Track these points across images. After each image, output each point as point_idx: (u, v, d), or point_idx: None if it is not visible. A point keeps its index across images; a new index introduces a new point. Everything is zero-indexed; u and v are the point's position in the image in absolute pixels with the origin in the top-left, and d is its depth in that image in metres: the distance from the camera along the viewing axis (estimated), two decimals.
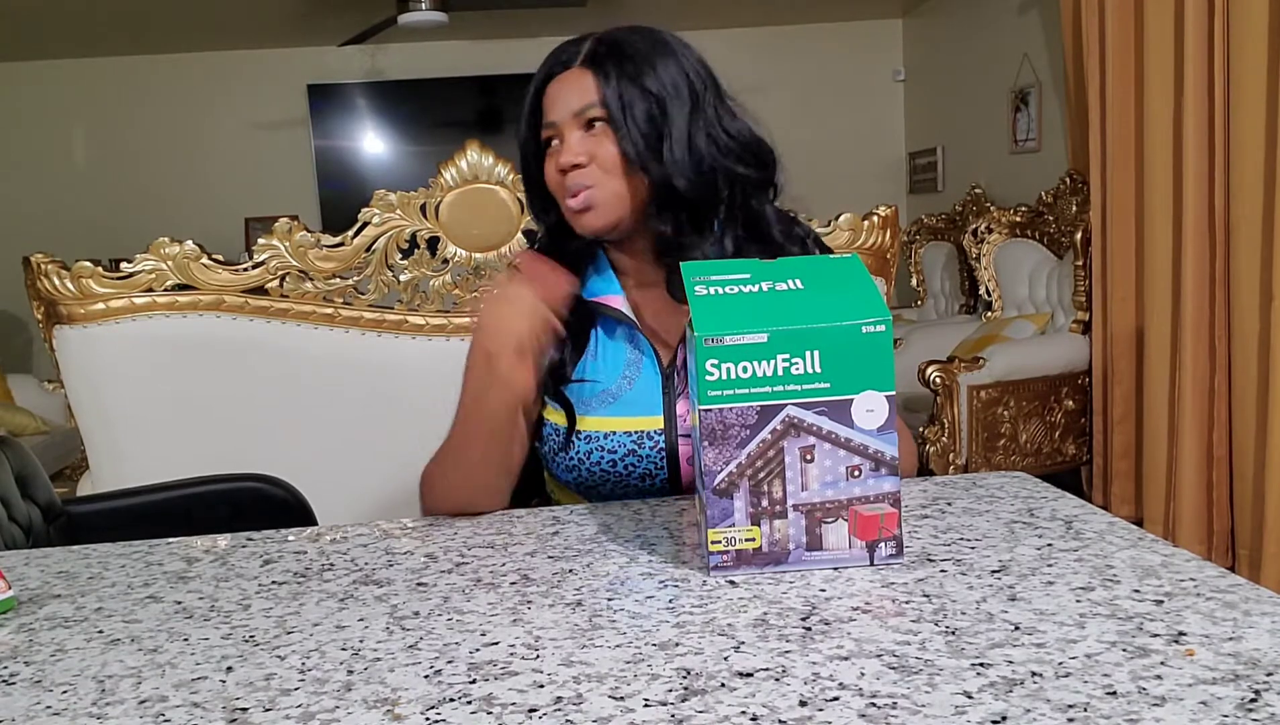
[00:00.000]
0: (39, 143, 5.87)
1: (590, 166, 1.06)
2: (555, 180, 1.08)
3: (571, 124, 1.06)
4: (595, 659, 0.65)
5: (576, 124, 1.06)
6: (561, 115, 1.06)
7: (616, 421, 1.10)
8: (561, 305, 1.07)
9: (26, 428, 4.07)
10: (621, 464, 1.09)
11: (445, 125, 6.00)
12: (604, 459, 1.10)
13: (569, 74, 1.07)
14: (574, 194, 1.06)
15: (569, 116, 1.06)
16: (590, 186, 1.06)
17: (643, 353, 1.12)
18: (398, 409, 1.51)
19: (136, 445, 1.52)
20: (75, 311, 1.48)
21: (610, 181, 1.06)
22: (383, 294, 1.55)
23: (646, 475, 1.10)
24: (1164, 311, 3.12)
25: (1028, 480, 1.03)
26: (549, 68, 1.09)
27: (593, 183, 1.06)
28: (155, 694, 0.64)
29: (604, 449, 1.10)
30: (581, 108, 1.05)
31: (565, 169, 1.06)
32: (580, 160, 1.05)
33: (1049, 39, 4.34)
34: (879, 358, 0.78)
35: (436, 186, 1.55)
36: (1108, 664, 0.60)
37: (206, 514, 1.36)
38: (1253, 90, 2.68)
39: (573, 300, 1.10)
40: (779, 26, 5.95)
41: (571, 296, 1.10)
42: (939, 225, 5.09)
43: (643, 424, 1.10)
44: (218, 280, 1.51)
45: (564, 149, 1.06)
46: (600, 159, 1.06)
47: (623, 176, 1.06)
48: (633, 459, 1.09)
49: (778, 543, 0.79)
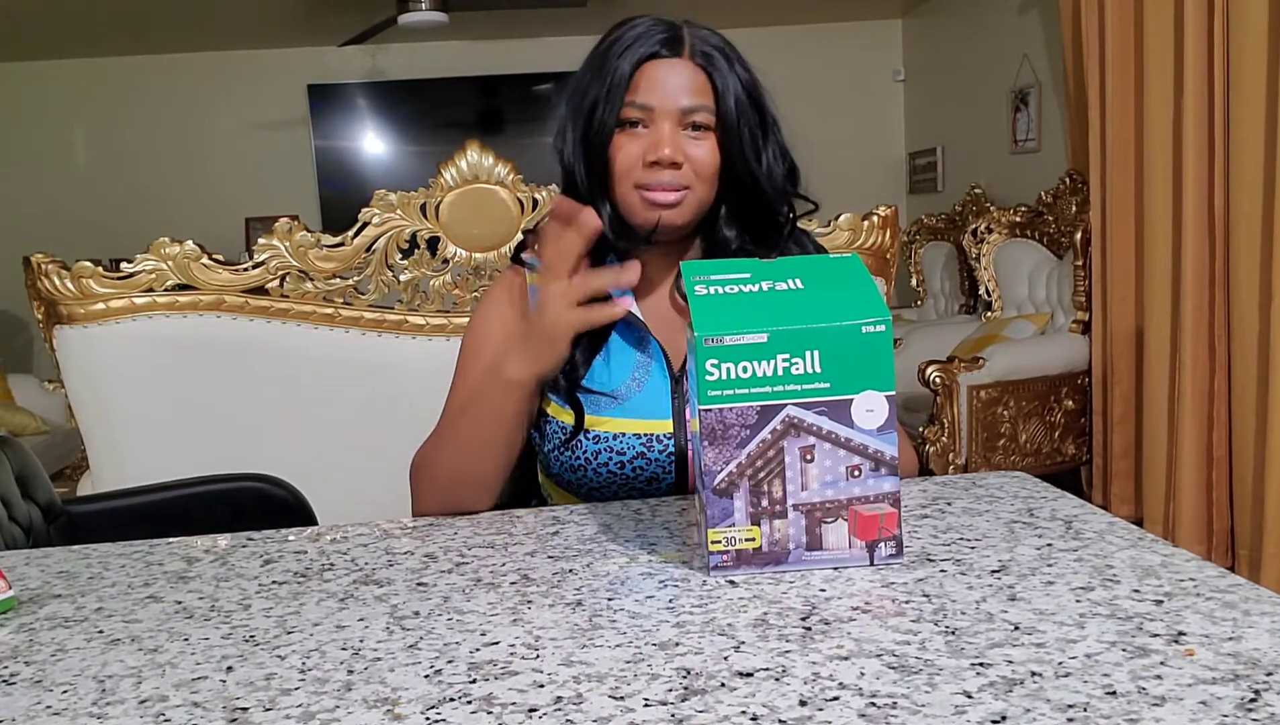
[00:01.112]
0: (39, 143, 5.87)
1: (685, 169, 1.03)
2: (633, 165, 1.04)
3: (670, 116, 1.03)
4: (595, 659, 0.65)
5: (676, 118, 1.03)
6: (665, 104, 1.03)
7: (626, 423, 1.09)
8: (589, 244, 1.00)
9: (26, 428, 4.07)
10: (630, 467, 1.08)
11: (445, 125, 6.00)
12: (612, 460, 1.08)
13: (676, 63, 1.04)
14: (660, 189, 1.03)
15: (673, 109, 1.03)
16: (686, 189, 1.04)
17: (652, 357, 1.11)
18: (398, 409, 1.51)
19: (136, 445, 1.53)
20: (75, 311, 1.48)
21: (701, 187, 1.05)
22: (383, 294, 1.56)
23: (654, 478, 1.09)
24: (1164, 311, 3.12)
25: (1028, 480, 1.03)
26: (646, 47, 1.04)
27: (688, 185, 1.04)
28: (155, 694, 0.64)
29: (613, 451, 1.08)
30: (692, 106, 1.03)
31: (664, 162, 1.02)
32: (679, 159, 1.03)
33: (1049, 39, 4.34)
34: (879, 358, 0.78)
35: (436, 186, 1.55)
36: (1107, 664, 0.60)
37: (206, 514, 1.36)
38: (1253, 90, 2.68)
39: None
40: (779, 26, 5.95)
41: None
42: (939, 225, 5.10)
43: (652, 427, 1.09)
44: (218, 280, 1.51)
45: (663, 141, 1.02)
46: (697, 162, 1.04)
47: (711, 183, 1.05)
48: (641, 462, 1.08)
49: (778, 543, 0.79)
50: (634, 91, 1.03)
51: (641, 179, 1.04)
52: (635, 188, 1.04)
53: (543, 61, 5.82)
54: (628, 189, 1.05)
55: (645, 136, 1.04)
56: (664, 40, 1.04)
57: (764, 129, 1.07)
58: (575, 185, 1.09)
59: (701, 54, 1.04)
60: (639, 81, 1.03)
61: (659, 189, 1.03)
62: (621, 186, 1.05)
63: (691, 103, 1.03)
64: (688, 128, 1.04)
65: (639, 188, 1.04)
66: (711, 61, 1.04)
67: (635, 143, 1.04)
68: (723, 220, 1.09)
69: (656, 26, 1.05)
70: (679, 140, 1.03)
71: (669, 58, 1.04)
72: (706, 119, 1.04)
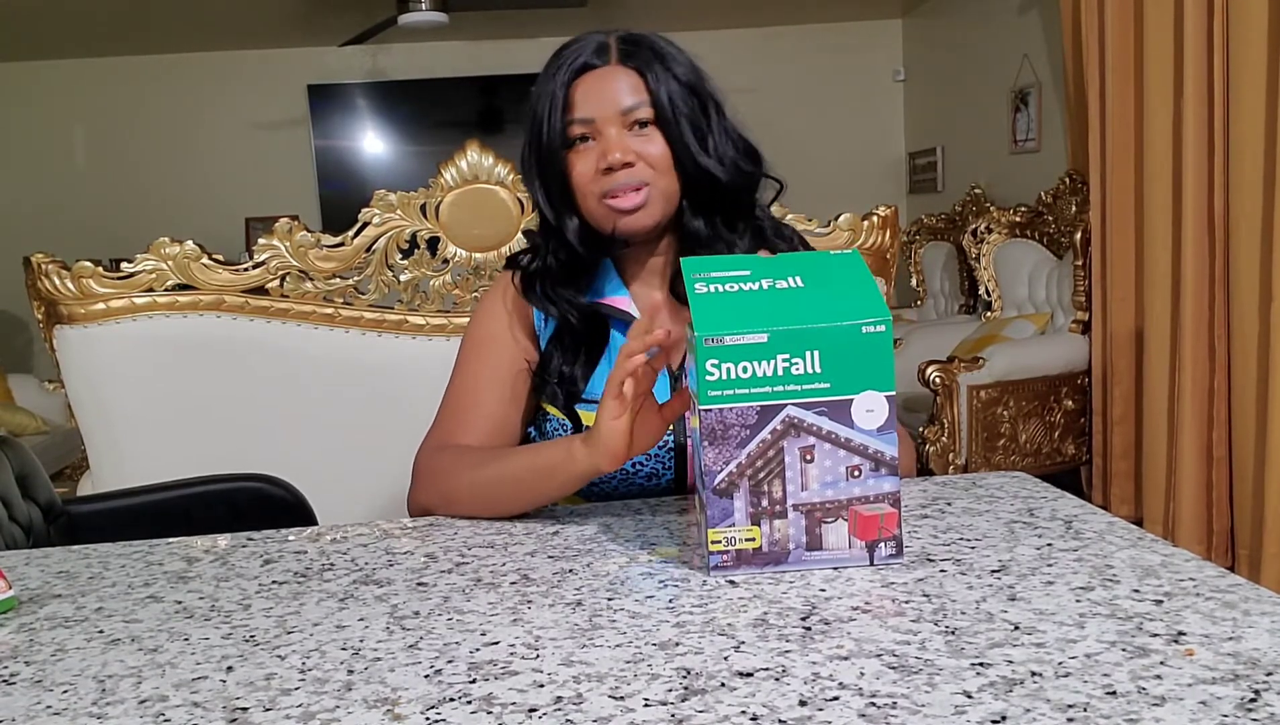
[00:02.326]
0: (39, 143, 5.87)
1: (638, 165, 1.05)
2: (589, 179, 1.06)
3: (613, 121, 1.05)
4: (595, 659, 0.65)
5: (619, 121, 1.05)
6: (602, 112, 1.05)
7: None
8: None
9: (26, 428, 4.07)
10: (630, 463, 1.08)
11: (445, 125, 6.00)
12: None
13: (606, 70, 1.06)
14: (621, 193, 1.05)
15: (613, 114, 1.05)
16: (646, 184, 1.05)
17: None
18: (398, 409, 1.51)
19: (136, 445, 1.52)
20: (75, 311, 1.48)
21: (660, 180, 1.06)
22: (383, 294, 1.55)
23: (653, 474, 1.10)
24: (1164, 311, 3.12)
25: (1027, 480, 1.03)
26: (575, 63, 1.07)
27: (647, 180, 1.05)
28: (155, 694, 0.64)
29: None
30: (631, 105, 1.05)
31: (615, 166, 1.04)
32: (630, 158, 1.05)
33: (1049, 39, 4.34)
34: (879, 358, 0.78)
35: (436, 186, 1.55)
36: (1107, 664, 0.60)
37: (206, 514, 1.36)
38: (1253, 90, 2.68)
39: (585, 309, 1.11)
40: (779, 26, 5.94)
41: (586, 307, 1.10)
42: (939, 225, 5.09)
43: None
44: (218, 280, 1.51)
45: (610, 146, 1.04)
46: (649, 157, 1.05)
47: (670, 174, 1.07)
48: (640, 458, 1.08)
49: (778, 543, 0.79)
50: (572, 109, 1.06)
51: (602, 187, 1.06)
52: (600, 199, 1.06)
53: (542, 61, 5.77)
54: (594, 202, 1.07)
55: (595, 148, 1.06)
56: (594, 50, 1.07)
57: (705, 114, 1.08)
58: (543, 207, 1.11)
59: (629, 55, 1.07)
60: (575, 98, 1.06)
61: (620, 192, 1.05)
62: (587, 202, 1.08)
63: (629, 102, 1.05)
64: (632, 127, 1.06)
65: (603, 198, 1.06)
66: (640, 59, 1.07)
67: (586, 157, 1.07)
68: (687, 212, 1.09)
69: (588, 41, 1.08)
70: (625, 141, 1.05)
71: (599, 66, 1.07)
72: (647, 114, 1.06)
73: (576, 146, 1.07)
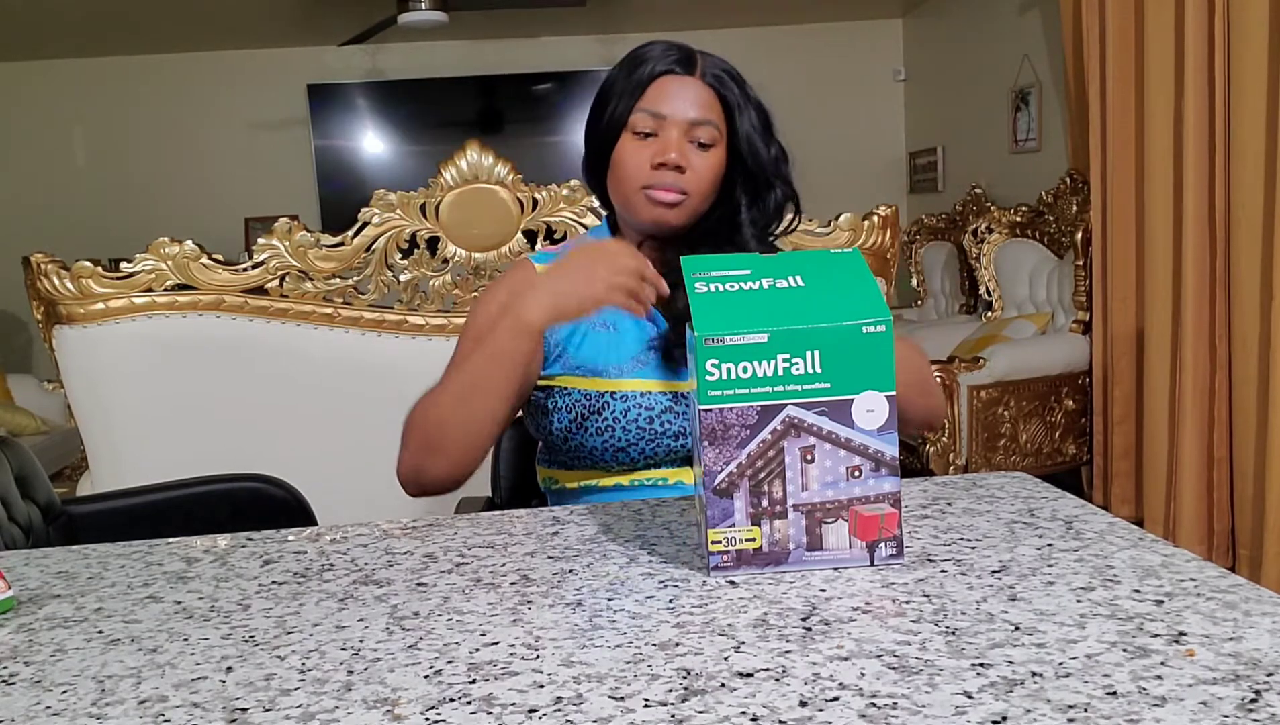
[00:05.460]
0: (39, 143, 5.87)
1: (689, 174, 1.12)
2: (638, 168, 1.12)
3: (679, 127, 1.12)
4: (595, 659, 0.65)
5: (684, 130, 1.12)
6: (675, 114, 1.12)
7: (652, 383, 1.15)
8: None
9: (26, 428, 4.07)
10: (659, 421, 1.14)
11: (445, 125, 5.99)
12: (641, 416, 1.14)
13: (689, 81, 1.13)
14: (667, 189, 1.12)
15: (682, 120, 1.12)
16: (686, 195, 1.12)
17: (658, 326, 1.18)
18: (398, 409, 1.51)
19: (136, 445, 1.52)
20: (75, 311, 1.48)
21: (696, 198, 1.13)
22: (383, 294, 1.56)
23: (680, 433, 1.14)
24: (1164, 311, 3.12)
25: (1028, 480, 1.03)
26: (662, 64, 1.13)
27: (690, 190, 1.12)
28: (155, 694, 0.64)
29: (641, 407, 1.14)
30: (700, 120, 1.12)
31: (670, 165, 1.11)
32: (684, 164, 1.11)
33: (1049, 39, 4.34)
34: (879, 358, 0.78)
35: (436, 186, 1.55)
36: (1108, 664, 0.60)
37: (206, 514, 1.36)
38: (1253, 90, 2.68)
39: None
40: (779, 26, 5.95)
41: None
42: (939, 225, 5.09)
43: (677, 386, 1.15)
44: (217, 280, 1.51)
45: (671, 145, 1.11)
46: (699, 172, 1.12)
47: (707, 198, 1.15)
48: (669, 416, 1.14)
49: (778, 543, 0.79)
50: (648, 100, 1.12)
51: (648, 179, 1.12)
52: (641, 189, 1.13)
53: (543, 61, 5.81)
54: (634, 190, 1.14)
55: (654, 144, 1.12)
56: (678, 60, 1.14)
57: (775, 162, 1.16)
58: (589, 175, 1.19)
59: (713, 75, 1.14)
60: (653, 91, 1.13)
61: (662, 189, 1.12)
62: (629, 188, 1.14)
63: (700, 116, 1.12)
64: (694, 142, 1.12)
65: (645, 189, 1.13)
66: (722, 82, 1.14)
67: (642, 151, 1.13)
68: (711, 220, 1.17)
69: (671, 50, 1.15)
70: (685, 148, 1.12)
71: (682, 75, 1.13)
72: (712, 136, 1.13)
73: (635, 136, 1.13)
